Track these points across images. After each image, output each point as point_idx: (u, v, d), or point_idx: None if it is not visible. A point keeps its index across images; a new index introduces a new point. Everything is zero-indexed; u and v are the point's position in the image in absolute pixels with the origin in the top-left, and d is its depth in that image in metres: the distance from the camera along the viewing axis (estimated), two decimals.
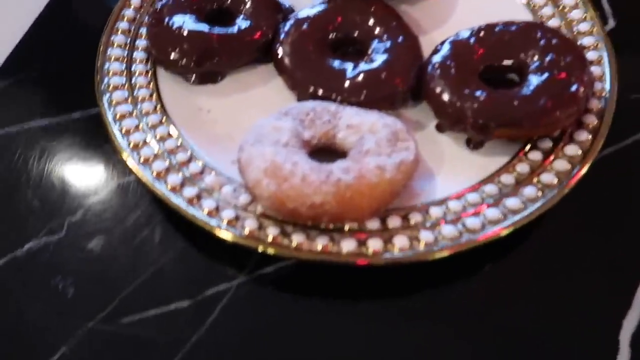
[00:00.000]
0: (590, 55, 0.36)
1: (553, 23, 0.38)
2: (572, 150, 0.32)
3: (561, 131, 0.33)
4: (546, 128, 0.32)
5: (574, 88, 0.32)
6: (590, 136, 0.32)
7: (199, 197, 0.31)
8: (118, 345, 0.29)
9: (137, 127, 0.34)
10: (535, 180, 0.31)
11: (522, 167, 0.32)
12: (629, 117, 0.36)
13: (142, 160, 0.32)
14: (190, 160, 0.33)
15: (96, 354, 0.28)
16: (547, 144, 0.33)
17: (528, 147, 0.33)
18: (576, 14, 0.38)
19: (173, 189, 0.31)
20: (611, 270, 0.31)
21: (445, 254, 0.28)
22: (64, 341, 0.29)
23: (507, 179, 0.31)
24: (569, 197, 0.31)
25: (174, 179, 0.31)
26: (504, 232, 0.29)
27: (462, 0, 0.41)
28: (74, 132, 0.38)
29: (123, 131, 0.34)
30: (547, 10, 0.39)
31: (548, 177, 0.31)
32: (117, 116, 0.34)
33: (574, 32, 0.37)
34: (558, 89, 0.32)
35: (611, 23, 0.41)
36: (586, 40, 0.37)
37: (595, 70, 0.35)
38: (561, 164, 0.31)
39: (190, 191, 0.31)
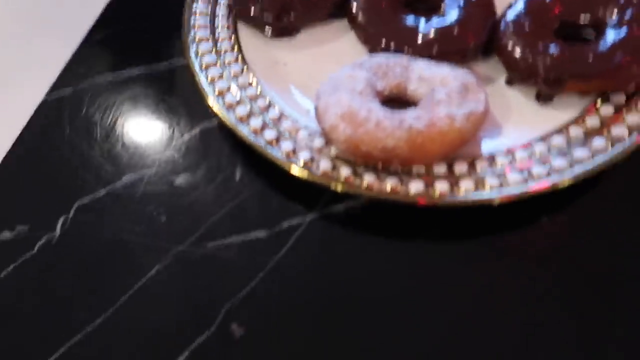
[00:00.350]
0: None
1: None
2: None
3: (636, 87, 0.33)
4: (620, 82, 0.32)
5: None
6: None
7: (277, 139, 0.33)
8: (204, 266, 0.32)
9: (220, 75, 0.37)
10: (605, 132, 0.31)
11: (593, 121, 0.32)
12: None
13: (226, 105, 0.35)
14: (269, 106, 0.35)
15: (185, 272, 0.32)
16: (621, 98, 0.33)
17: (599, 101, 0.33)
18: None
19: (255, 132, 0.34)
20: None
21: (508, 199, 0.29)
22: (157, 260, 0.32)
23: (576, 131, 0.32)
24: (638, 154, 0.31)
25: (255, 122, 0.34)
26: (568, 182, 0.30)
27: None
28: (162, 81, 0.41)
29: (209, 79, 0.37)
30: None
31: (619, 130, 0.31)
32: (203, 66, 0.37)
33: None
34: (634, 44, 0.32)
35: None
36: None
37: None
38: (634, 119, 0.31)
39: (270, 134, 0.33)
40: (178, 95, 0.41)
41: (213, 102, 0.35)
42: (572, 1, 0.35)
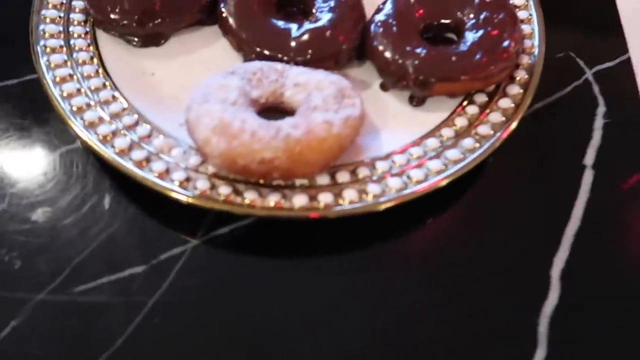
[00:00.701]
0: (521, 14, 0.38)
1: None
2: (505, 103, 0.34)
3: (495, 86, 0.35)
4: (481, 82, 0.34)
5: (506, 43, 0.34)
6: (521, 90, 0.34)
7: (148, 159, 0.31)
8: (72, 315, 0.28)
9: (78, 90, 0.33)
10: (473, 132, 0.33)
11: (461, 121, 0.34)
12: (555, 73, 0.39)
13: (86, 124, 0.32)
14: (137, 123, 0.32)
15: (49, 326, 0.28)
16: (483, 98, 0.35)
17: (466, 102, 0.35)
18: None
19: (121, 152, 0.31)
20: (541, 214, 0.34)
21: (391, 204, 0.30)
22: (12, 316, 0.28)
23: (448, 132, 0.33)
24: (503, 149, 0.33)
25: (121, 142, 0.31)
26: (444, 182, 0.31)
27: None
28: (9, 101, 0.36)
29: (64, 94, 0.33)
30: None
31: (484, 129, 0.33)
32: (57, 79, 0.33)
33: None
34: (492, 45, 0.34)
35: None
36: (517, 0, 0.38)
37: (525, 28, 0.37)
38: (496, 117, 0.33)
39: (138, 154, 0.31)
40: (31, 115, 0.36)
41: (71, 122, 0.32)
42: (433, 4, 0.36)
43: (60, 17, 0.36)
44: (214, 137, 0.29)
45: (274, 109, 0.33)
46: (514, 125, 0.33)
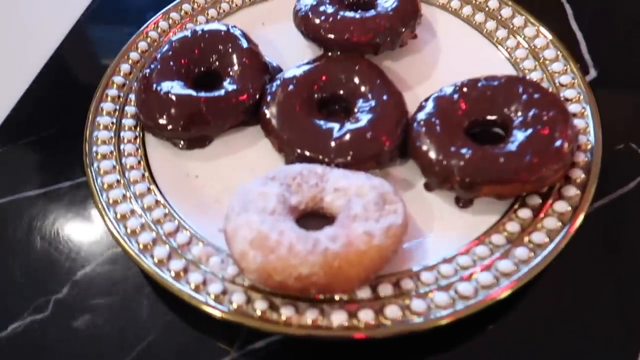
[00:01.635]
0: (573, 107, 0.36)
1: (535, 76, 0.38)
2: (561, 206, 0.32)
3: (549, 187, 0.33)
4: (533, 184, 0.32)
5: (558, 143, 0.32)
6: (578, 191, 0.32)
7: (185, 270, 0.30)
8: None
9: (124, 196, 0.34)
10: (526, 239, 0.31)
11: (512, 226, 0.31)
12: (616, 168, 0.36)
13: (128, 231, 0.32)
14: (177, 230, 0.32)
15: None
16: (536, 200, 0.32)
17: (517, 204, 0.32)
18: (557, 67, 0.38)
19: (160, 262, 0.30)
20: (614, 320, 0.30)
21: (438, 323, 0.28)
22: None
23: (498, 239, 0.31)
24: (562, 252, 0.30)
25: (161, 251, 0.31)
26: (499, 297, 0.28)
27: (445, 54, 0.42)
28: (62, 203, 0.38)
29: (110, 201, 0.34)
30: (529, 64, 0.39)
31: (539, 237, 0.30)
32: (105, 186, 0.34)
33: (556, 84, 0.38)
34: (542, 145, 0.32)
35: (592, 73, 0.42)
36: (568, 93, 0.37)
37: (578, 122, 0.35)
38: (551, 222, 0.31)
39: (177, 264, 0.30)
40: (78, 219, 0.37)
41: (113, 229, 0.32)
42: (478, 100, 0.35)
43: (112, 123, 0.38)
44: (251, 251, 0.28)
45: (315, 214, 0.32)
46: (572, 231, 0.31)
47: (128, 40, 0.42)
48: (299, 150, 0.35)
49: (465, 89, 0.36)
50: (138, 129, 0.38)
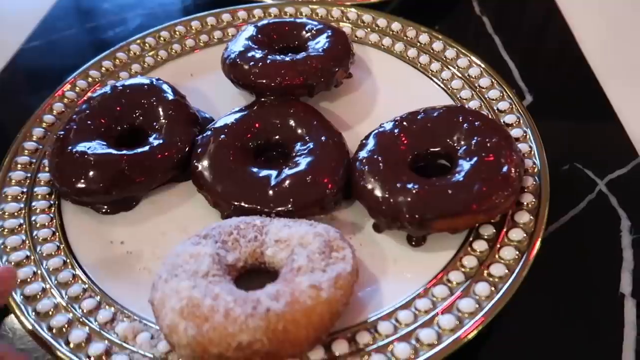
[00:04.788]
0: (515, 132, 0.35)
1: (473, 104, 0.38)
2: (517, 234, 0.30)
3: (502, 215, 0.31)
4: (485, 214, 0.30)
5: (505, 169, 0.30)
6: (531, 217, 0.30)
7: (108, 352, 0.26)
8: None
9: (34, 274, 0.30)
10: (485, 273, 0.28)
11: (470, 261, 0.29)
12: (565, 188, 0.35)
13: (40, 315, 0.28)
14: (98, 307, 0.28)
15: None
16: (490, 230, 0.31)
17: (472, 236, 0.30)
18: (493, 94, 0.38)
19: (76, 348, 0.26)
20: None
21: None
22: None
23: (456, 276, 0.29)
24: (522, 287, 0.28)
25: (77, 334, 0.27)
26: (465, 338, 0.25)
27: (382, 91, 0.41)
28: None
29: (18, 281, 0.29)
30: (466, 93, 0.39)
31: (498, 269, 0.28)
32: (12, 264, 0.30)
33: (494, 111, 0.37)
34: (490, 172, 0.30)
35: (528, 98, 0.42)
36: (508, 118, 0.36)
37: (522, 147, 0.34)
38: (509, 253, 0.29)
39: (96, 347, 0.26)
40: None
41: (20, 313, 0.28)
42: (419, 132, 0.34)
43: (22, 192, 0.34)
44: (182, 321, 0.24)
45: (255, 271, 0.29)
46: (531, 258, 0.29)
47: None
48: (235, 203, 0.32)
49: (405, 123, 0.35)
50: (53, 196, 0.34)
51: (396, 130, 0.34)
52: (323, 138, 0.35)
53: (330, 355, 0.26)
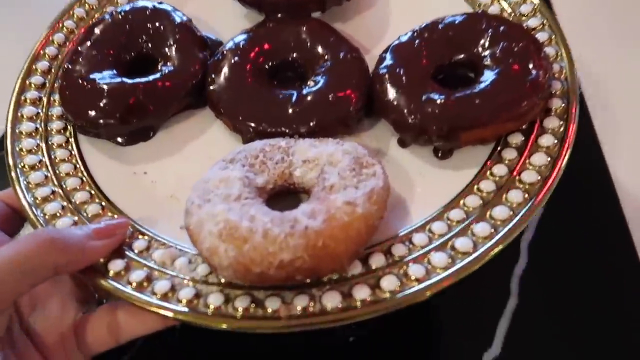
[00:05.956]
0: (540, 36, 0.34)
1: (494, 10, 0.36)
2: (547, 140, 0.29)
3: (530, 122, 0.30)
4: (514, 122, 0.29)
5: (534, 75, 0.29)
6: (561, 122, 0.30)
7: (149, 278, 0.26)
8: None
9: (63, 208, 0.29)
10: (517, 180, 0.28)
11: (500, 169, 0.29)
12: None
13: None
14: (133, 236, 0.28)
15: None
16: (519, 138, 0.30)
17: (500, 146, 0.30)
18: None
19: (116, 276, 0.26)
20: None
21: (441, 286, 0.25)
22: None
23: (487, 185, 0.28)
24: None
25: (116, 264, 0.27)
26: (497, 249, 0.26)
27: (396, 3, 0.39)
28: None
29: (47, 217, 0.29)
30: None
31: (530, 176, 0.28)
32: (38, 200, 0.30)
33: (517, 15, 0.35)
34: (518, 79, 0.29)
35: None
36: (532, 22, 0.34)
37: (548, 51, 0.33)
38: (540, 159, 0.29)
39: (137, 275, 0.26)
40: None
41: None
42: (441, 42, 0.32)
43: (37, 129, 0.33)
44: (222, 244, 0.24)
45: (285, 192, 0.29)
46: (562, 164, 0.28)
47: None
48: (256, 126, 0.31)
49: (425, 34, 0.33)
50: (68, 132, 0.33)
51: (416, 42, 0.33)
52: (342, 54, 0.33)
53: (368, 269, 0.26)
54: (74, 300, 0.28)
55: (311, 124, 0.31)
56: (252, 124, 0.31)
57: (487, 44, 0.32)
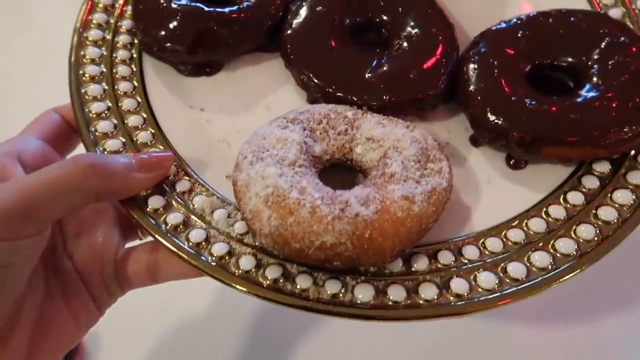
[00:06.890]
0: None
1: (614, 13, 0.32)
2: (637, 177, 0.26)
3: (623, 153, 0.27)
4: (608, 149, 0.26)
5: None
6: None
7: (185, 223, 0.26)
8: None
9: (115, 127, 0.29)
10: (591, 215, 0.26)
11: (575, 197, 0.26)
12: None
13: None
14: (177, 174, 0.27)
15: None
16: (605, 167, 0.27)
17: (582, 171, 0.27)
18: None
19: (154, 213, 0.26)
20: None
21: (483, 309, 0.23)
22: None
23: (558, 211, 0.26)
24: None
25: (155, 201, 0.26)
26: (553, 284, 0.24)
27: None
28: None
29: (98, 133, 0.28)
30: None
31: (608, 213, 0.25)
32: (92, 115, 0.29)
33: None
34: (626, 101, 0.26)
35: None
36: None
37: None
38: (625, 196, 0.26)
39: (174, 217, 0.26)
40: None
41: None
42: (547, 39, 0.29)
43: (103, 39, 0.32)
44: (266, 210, 0.23)
45: (341, 167, 0.27)
46: None
47: None
48: (324, 86, 0.29)
49: (531, 24, 0.30)
50: (134, 50, 0.32)
51: (519, 32, 0.30)
52: (434, 28, 0.30)
53: (409, 270, 0.25)
54: (118, 233, 0.28)
55: (385, 97, 0.28)
56: (321, 83, 0.29)
57: (599, 53, 0.28)
